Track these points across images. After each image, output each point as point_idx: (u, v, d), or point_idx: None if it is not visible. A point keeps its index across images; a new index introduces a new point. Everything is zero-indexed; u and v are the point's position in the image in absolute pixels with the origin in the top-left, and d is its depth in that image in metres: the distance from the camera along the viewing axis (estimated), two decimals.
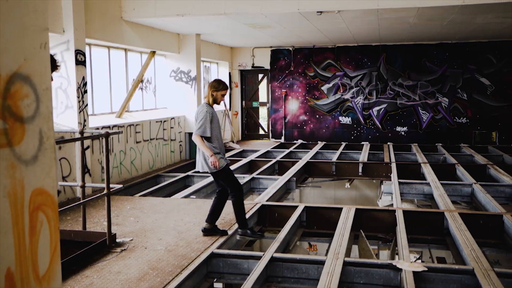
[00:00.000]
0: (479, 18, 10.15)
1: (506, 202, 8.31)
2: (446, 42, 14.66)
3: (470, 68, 14.59)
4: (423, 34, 13.01)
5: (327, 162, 11.40)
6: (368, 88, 15.29)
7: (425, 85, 14.90)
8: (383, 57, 15.13)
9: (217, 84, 5.76)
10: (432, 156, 12.37)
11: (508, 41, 14.25)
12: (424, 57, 14.87)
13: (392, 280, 4.74)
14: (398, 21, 10.57)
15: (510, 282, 4.44)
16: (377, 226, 6.87)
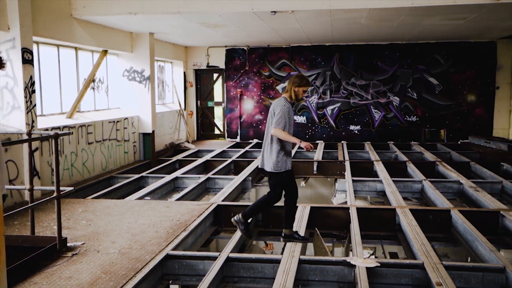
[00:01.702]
0: (427, 19, 10.48)
1: (453, 197, 8.61)
2: (396, 43, 15.06)
3: (419, 68, 15.05)
4: (375, 35, 13.31)
5: None
6: (322, 88, 15.51)
7: (377, 84, 15.26)
8: (336, 57, 15.38)
9: (299, 79, 5.49)
10: (384, 154, 12.67)
11: (454, 42, 14.79)
12: (376, 57, 15.22)
13: (346, 276, 4.82)
14: (350, 22, 10.77)
15: (457, 274, 4.61)
16: (331, 223, 6.97)
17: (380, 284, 4.76)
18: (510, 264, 4.59)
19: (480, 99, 14.96)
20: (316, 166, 11.03)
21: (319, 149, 13.10)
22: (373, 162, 10.91)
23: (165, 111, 14.40)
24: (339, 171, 10.85)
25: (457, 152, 12.47)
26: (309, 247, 6.43)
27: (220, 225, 7.13)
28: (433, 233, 6.61)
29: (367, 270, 4.65)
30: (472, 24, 11.20)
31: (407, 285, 4.70)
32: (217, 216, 7.11)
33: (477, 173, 10.14)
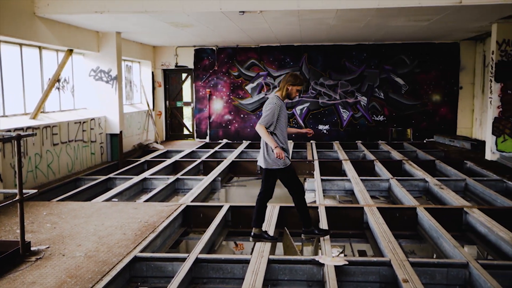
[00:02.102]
0: (393, 21, 10.66)
1: (419, 195, 8.78)
2: (364, 43, 15.26)
3: (386, 68, 15.30)
4: (343, 35, 13.46)
5: (252, 161, 11.48)
6: None
7: (345, 84, 15.44)
8: (305, 57, 15.49)
9: (293, 78, 5.45)
10: (353, 153, 12.82)
11: (419, 43, 15.09)
12: (344, 57, 15.39)
13: (315, 275, 4.85)
14: (318, 22, 10.86)
15: (423, 271, 4.69)
16: (301, 223, 6.97)
17: (349, 282, 4.81)
18: (473, 260, 4.71)
19: (445, 99, 15.31)
20: None
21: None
22: (342, 161, 11.03)
23: (133, 111, 14.22)
24: (308, 171, 10.92)
25: (423, 150, 12.72)
26: (278, 247, 6.45)
27: (189, 226, 7.07)
28: (400, 231, 6.72)
29: (335, 268, 4.69)
30: (436, 26, 11.45)
31: (374, 282, 4.76)
32: (186, 217, 7.06)
33: (442, 171, 10.37)
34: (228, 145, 14.81)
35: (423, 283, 4.50)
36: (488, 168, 10.09)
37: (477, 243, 6.27)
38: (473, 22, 11.03)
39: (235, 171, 11.25)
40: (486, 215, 6.40)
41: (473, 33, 13.18)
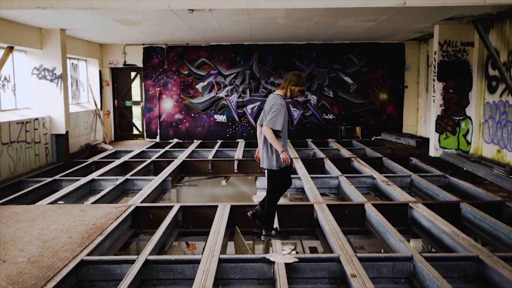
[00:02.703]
0: (341, 21, 10.86)
1: (367, 191, 9.00)
2: (313, 43, 15.48)
3: (335, 67, 15.58)
4: (293, 35, 13.60)
5: (203, 160, 11.41)
6: (242, 87, 15.61)
7: None
8: (255, 56, 15.54)
9: (297, 78, 5.46)
10: (303, 151, 12.98)
11: (367, 43, 15.46)
12: (294, 56, 15.55)
13: (266, 273, 4.87)
14: (268, 21, 10.91)
15: (370, 265, 4.81)
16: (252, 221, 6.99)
17: (299, 279, 4.86)
18: (417, 253, 4.87)
19: (391, 97, 15.76)
20: (236, 165, 11.07)
21: (240, 148, 13.18)
22: (292, 160, 11.13)
23: (80, 111, 13.81)
24: (260, 169, 10.96)
25: (371, 148, 13.04)
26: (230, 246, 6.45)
27: (139, 228, 6.95)
28: (349, 227, 6.86)
29: (286, 266, 4.73)
30: (382, 26, 11.76)
31: (324, 278, 4.83)
32: (135, 218, 6.93)
33: (389, 168, 10.66)
34: (179, 145, 14.66)
35: (371, 277, 4.62)
36: (432, 164, 10.46)
37: (422, 236, 6.49)
38: (416, 23, 11.41)
39: (186, 170, 11.15)
40: (430, 210, 6.63)
41: (417, 33, 13.64)
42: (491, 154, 10.85)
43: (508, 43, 10.10)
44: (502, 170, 9.06)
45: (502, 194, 7.72)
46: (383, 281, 4.83)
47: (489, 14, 9.98)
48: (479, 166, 9.64)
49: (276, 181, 5.64)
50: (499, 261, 4.64)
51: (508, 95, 9.78)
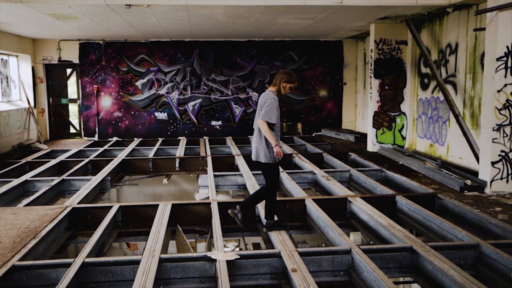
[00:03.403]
0: (281, 18, 10.97)
1: (308, 187, 9.15)
2: (254, 40, 15.54)
3: (275, 64, 15.72)
4: (233, 32, 13.59)
5: (143, 159, 11.19)
6: (183, 84, 15.45)
7: (236, 80, 15.62)
8: (196, 52, 15.41)
9: (288, 76, 5.63)
10: (245, 148, 13.01)
11: (306, 41, 15.71)
12: (235, 53, 15.56)
13: (208, 271, 4.84)
14: (207, 18, 10.84)
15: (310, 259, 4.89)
16: (194, 219, 6.96)
17: (241, 276, 4.87)
18: (355, 246, 5.00)
19: (331, 94, 16.11)
20: (178, 163, 10.94)
21: (181, 146, 13.04)
22: (234, 157, 11.15)
23: (11, 109, 13.17)
24: (202, 167, 10.90)
25: (312, 144, 13.27)
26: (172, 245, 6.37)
27: (76, 229, 6.71)
28: (291, 222, 6.92)
29: (227, 263, 4.73)
30: (321, 24, 11.99)
31: (265, 274, 4.87)
32: (72, 220, 6.69)
33: (329, 163, 10.89)
34: (118, 143, 14.29)
35: (311, 271, 4.70)
36: (370, 159, 10.79)
37: (360, 229, 6.67)
38: (354, 21, 11.72)
39: (126, 169, 10.89)
40: (368, 203, 6.83)
41: (354, 32, 14.00)
42: (424, 148, 11.34)
43: (438, 42, 10.57)
44: (434, 164, 9.48)
45: (434, 186, 8.08)
46: (323, 274, 4.93)
47: (421, 14, 10.41)
48: (413, 160, 10.03)
49: (273, 173, 5.78)
50: (431, 251, 4.85)
51: (439, 91, 10.24)
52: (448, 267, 4.44)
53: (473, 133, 9.07)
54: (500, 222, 5.78)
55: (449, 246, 5.07)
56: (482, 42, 8.81)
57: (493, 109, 7.43)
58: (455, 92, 9.87)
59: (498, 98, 7.40)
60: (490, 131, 7.50)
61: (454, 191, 7.69)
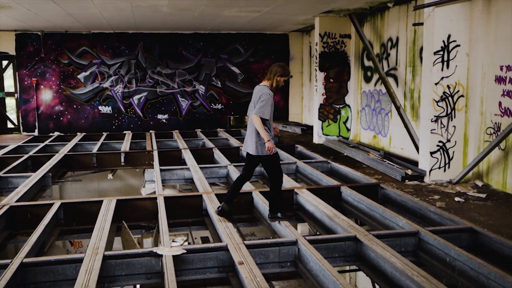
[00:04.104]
0: (226, 11, 10.91)
1: (255, 179, 9.19)
2: (200, 32, 15.39)
3: (222, 57, 15.65)
4: (179, 24, 13.40)
5: (87, 154, 10.87)
6: (128, 77, 15.10)
7: (182, 73, 15.43)
8: (140, 45, 15.09)
9: (281, 69, 5.68)
10: (192, 141, 12.91)
11: (252, 33, 15.72)
12: (180, 46, 15.35)
13: (154, 267, 4.77)
14: (151, 10, 10.63)
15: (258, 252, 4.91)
16: (140, 215, 6.84)
17: (188, 270, 4.83)
18: (301, 237, 5.07)
19: None
20: (123, 157, 10.71)
21: (127, 140, 12.76)
22: (181, 150, 11.03)
23: None
24: (148, 161, 10.72)
25: None
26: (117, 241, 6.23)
27: (15, 228, 6.44)
28: (238, 215, 6.94)
29: (174, 258, 4.67)
30: (267, 17, 12.02)
31: (213, 267, 4.85)
32: (10, 219, 6.41)
33: None
34: (60, 138, 13.80)
35: (258, 263, 4.73)
36: (316, 151, 10.97)
37: (307, 220, 6.77)
38: (299, 15, 11.82)
39: (69, 165, 10.55)
40: (314, 194, 6.94)
41: (300, 25, 14.14)
42: (368, 140, 11.65)
43: (380, 36, 10.86)
44: (377, 154, 9.76)
45: (377, 176, 8.32)
46: (270, 266, 4.97)
47: (363, 8, 10.65)
48: (358, 151, 10.28)
49: (276, 164, 5.85)
50: (374, 239, 4.99)
51: (382, 84, 10.53)
52: (389, 254, 4.58)
53: (414, 124, 9.40)
54: (438, 210, 6.03)
55: (391, 234, 5.24)
56: (420, 37, 9.12)
57: (431, 101, 7.72)
58: (396, 85, 10.18)
59: (435, 91, 7.69)
60: (429, 122, 7.79)
61: (396, 181, 7.94)
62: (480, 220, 5.69)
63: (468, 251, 4.82)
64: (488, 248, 5.04)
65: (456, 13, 7.57)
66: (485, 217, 5.84)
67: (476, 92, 7.57)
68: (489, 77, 7.32)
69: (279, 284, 5.17)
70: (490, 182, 7.41)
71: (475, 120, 7.63)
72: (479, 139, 7.59)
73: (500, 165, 7.19)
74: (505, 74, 6.99)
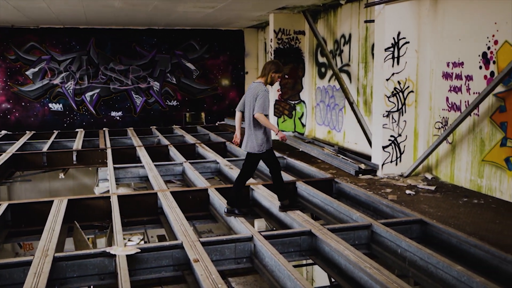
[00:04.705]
0: (180, 6, 10.78)
1: (212, 176, 9.16)
2: (154, 28, 15.16)
3: (177, 53, 15.48)
4: (132, 19, 13.14)
5: (37, 152, 10.52)
6: (79, 73, 14.70)
7: (136, 69, 15.16)
8: (92, 40, 14.71)
9: (276, 66, 5.81)
10: (147, 139, 12.72)
11: (207, 30, 15.62)
12: (134, 41, 15.07)
13: (107, 267, 4.67)
14: (103, 4, 10.38)
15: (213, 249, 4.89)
16: (93, 214, 6.69)
17: (143, 269, 4.75)
18: (257, 232, 5.09)
19: (233, 83, 16.20)
20: (75, 156, 10.42)
21: (79, 138, 12.43)
22: (136, 148, 10.85)
23: None
24: (101, 159, 10.48)
25: (215, 133, 13.28)
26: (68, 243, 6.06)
27: None
28: (194, 213, 6.92)
29: (128, 257, 4.59)
30: (221, 13, 11.96)
31: (168, 266, 4.80)
32: None
33: (232, 152, 10.98)
34: (8, 137, 13.28)
35: (214, 260, 4.71)
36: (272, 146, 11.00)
37: (263, 216, 6.79)
38: (253, 11, 11.83)
39: (17, 165, 10.18)
40: (269, 190, 6.97)
41: (254, 21, 14.16)
42: (323, 135, 11.81)
43: (333, 32, 11.01)
44: (332, 149, 9.91)
45: (332, 171, 8.45)
46: (226, 262, 4.96)
47: (316, 5, 10.76)
48: (313, 146, 10.41)
49: (273, 157, 5.98)
50: (328, 233, 5.07)
51: (335, 80, 10.69)
52: (343, 247, 4.66)
53: (366, 120, 9.59)
54: (390, 203, 6.18)
55: (345, 227, 5.33)
56: (372, 34, 9.31)
57: (383, 96, 7.90)
58: (349, 81, 10.36)
59: (387, 86, 7.87)
60: (381, 118, 7.97)
61: (350, 175, 8.09)
62: (430, 212, 5.87)
63: (418, 242, 4.97)
64: (437, 238, 5.21)
65: (406, 11, 7.77)
66: (434, 208, 6.03)
67: (425, 88, 7.81)
68: (437, 73, 7.56)
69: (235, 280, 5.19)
70: (439, 175, 7.67)
71: (424, 115, 7.87)
72: (428, 133, 7.83)
73: (448, 158, 7.44)
74: (452, 70, 7.24)
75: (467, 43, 6.94)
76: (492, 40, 6.49)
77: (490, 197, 6.54)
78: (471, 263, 4.62)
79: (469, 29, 6.89)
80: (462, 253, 4.80)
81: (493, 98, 6.50)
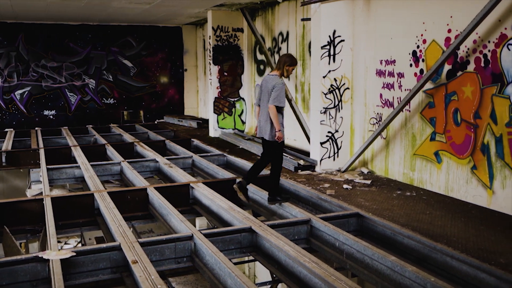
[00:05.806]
0: (115, 2, 10.50)
1: (151, 175, 9.00)
2: (88, 24, 14.68)
3: (113, 50, 15.07)
4: (64, 14, 12.66)
5: None
6: (8, 70, 13.98)
7: (70, 66, 14.63)
8: (21, 36, 14.04)
9: (290, 59, 5.96)
10: (83, 138, 12.32)
11: (145, 26, 15.32)
12: (67, 37, 14.53)
13: (40, 273, 4.47)
14: None
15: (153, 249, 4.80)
16: (25, 218, 6.38)
17: (79, 273, 4.59)
18: (197, 231, 5.05)
19: (172, 80, 15.99)
20: (4, 157, 9.91)
21: (9, 138, 11.84)
22: (71, 148, 10.47)
23: None
24: (34, 160, 10.02)
25: (154, 131, 13.06)
26: None
27: None
28: (133, 213, 6.77)
29: (63, 261, 4.42)
30: (158, 9, 11.76)
31: (105, 268, 4.66)
32: None
33: (172, 150, 10.84)
34: None
35: (153, 261, 4.63)
36: (212, 144, 10.99)
37: (203, 214, 6.75)
38: (191, 8, 11.72)
39: None
40: (209, 188, 6.94)
41: (193, 18, 14.04)
42: None
43: (271, 30, 11.11)
44: None
45: None
46: (166, 262, 4.89)
47: (254, 3, 10.82)
48: (253, 143, 10.46)
49: (279, 151, 6.12)
50: (268, 229, 5.11)
51: None
52: (283, 243, 4.72)
53: (305, 116, 9.76)
54: (328, 197, 6.32)
55: (284, 223, 5.39)
56: (309, 32, 9.47)
57: (320, 93, 8.06)
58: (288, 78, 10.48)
59: (324, 83, 8.04)
60: (318, 114, 8.14)
61: (290, 171, 8.20)
62: (366, 205, 6.06)
63: (355, 235, 5.12)
64: (373, 230, 5.39)
65: (340, 10, 7.97)
66: (370, 202, 6.23)
67: (360, 85, 8.04)
68: (371, 71, 7.81)
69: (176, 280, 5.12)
70: (374, 169, 7.93)
71: (359, 111, 8.11)
72: (363, 129, 8.07)
73: (383, 153, 7.72)
74: (384, 68, 7.50)
75: (398, 41, 7.22)
76: (421, 39, 6.78)
77: (421, 189, 6.84)
78: (404, 253, 4.82)
79: (400, 28, 7.17)
80: (396, 244, 4.99)
81: (423, 94, 6.80)
